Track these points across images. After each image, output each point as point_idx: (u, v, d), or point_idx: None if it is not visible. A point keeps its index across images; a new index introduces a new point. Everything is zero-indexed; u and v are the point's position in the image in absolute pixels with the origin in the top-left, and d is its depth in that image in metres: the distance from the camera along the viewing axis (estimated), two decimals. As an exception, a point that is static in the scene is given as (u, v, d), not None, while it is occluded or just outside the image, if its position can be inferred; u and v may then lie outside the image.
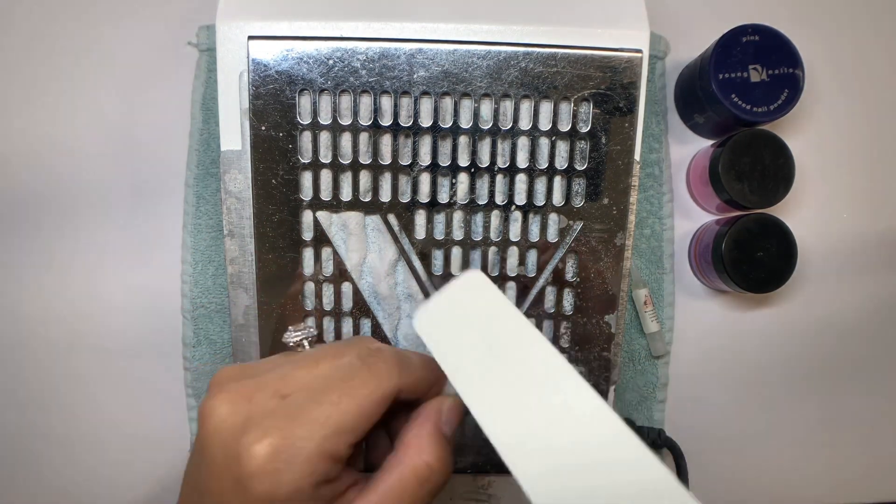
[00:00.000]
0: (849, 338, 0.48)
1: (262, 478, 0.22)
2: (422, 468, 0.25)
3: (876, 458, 0.48)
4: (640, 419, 0.45)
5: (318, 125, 0.35)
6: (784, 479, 0.48)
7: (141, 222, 0.45)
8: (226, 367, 0.26)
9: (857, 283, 0.48)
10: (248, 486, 0.23)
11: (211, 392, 0.25)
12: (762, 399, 0.47)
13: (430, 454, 0.25)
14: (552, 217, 0.36)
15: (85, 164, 0.45)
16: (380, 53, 0.34)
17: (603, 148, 0.35)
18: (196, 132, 0.43)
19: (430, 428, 0.26)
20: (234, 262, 0.36)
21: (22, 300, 0.45)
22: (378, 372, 0.25)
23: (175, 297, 0.44)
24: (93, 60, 0.45)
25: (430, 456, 0.25)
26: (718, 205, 0.44)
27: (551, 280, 0.37)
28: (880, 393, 0.48)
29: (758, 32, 0.41)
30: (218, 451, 0.23)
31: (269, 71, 0.34)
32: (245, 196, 0.36)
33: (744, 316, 0.47)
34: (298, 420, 0.23)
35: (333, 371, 0.25)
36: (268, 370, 0.25)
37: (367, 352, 0.26)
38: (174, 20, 0.45)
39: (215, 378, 0.26)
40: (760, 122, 0.41)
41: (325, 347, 0.27)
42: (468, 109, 0.35)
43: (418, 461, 0.25)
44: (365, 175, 0.35)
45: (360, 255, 0.36)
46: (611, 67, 0.35)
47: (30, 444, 0.45)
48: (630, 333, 0.45)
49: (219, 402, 0.24)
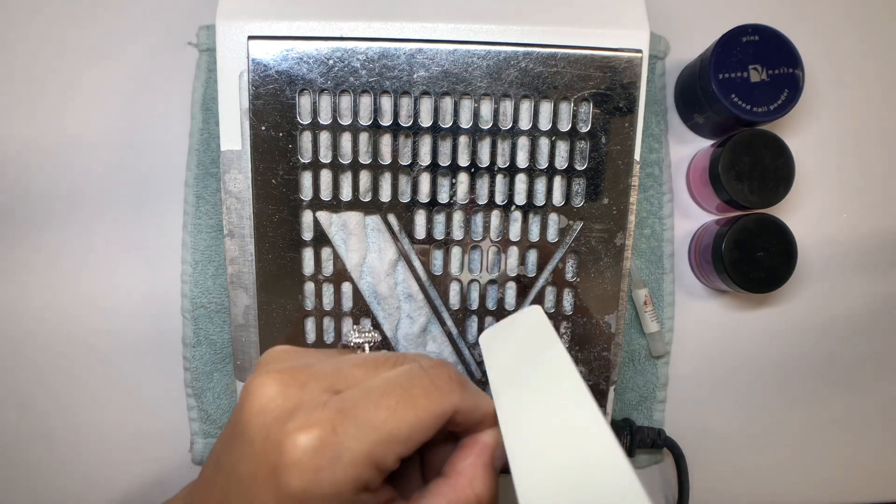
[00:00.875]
0: (849, 338, 0.48)
1: (301, 472, 0.21)
2: (471, 499, 0.23)
3: (876, 458, 0.48)
4: (640, 419, 0.45)
5: (318, 125, 0.35)
6: (784, 479, 0.48)
7: (141, 222, 0.45)
8: (278, 346, 0.25)
9: (856, 283, 0.48)
10: (284, 477, 0.21)
11: (260, 370, 0.23)
12: (762, 399, 0.47)
13: (482, 487, 0.24)
14: (552, 217, 0.36)
15: (85, 164, 0.45)
16: (380, 53, 0.34)
17: (603, 148, 0.35)
18: (196, 132, 0.43)
19: (486, 459, 0.24)
20: (234, 262, 0.36)
21: (22, 300, 0.45)
22: (441, 385, 0.23)
23: (175, 297, 0.44)
24: (93, 60, 0.45)
25: (482, 489, 0.24)
26: (718, 205, 0.44)
27: (551, 280, 0.37)
28: (880, 393, 0.48)
29: (758, 32, 0.41)
30: (258, 433, 0.22)
31: (269, 71, 0.34)
32: (245, 196, 0.36)
33: (744, 316, 0.47)
34: (351, 418, 0.21)
35: (394, 376, 0.23)
36: (323, 360, 0.24)
37: (430, 363, 0.24)
38: (174, 20, 0.45)
39: (266, 356, 0.24)
40: (760, 122, 0.41)
41: (384, 353, 0.25)
42: (468, 109, 0.35)
43: (469, 492, 0.23)
44: (365, 175, 0.35)
45: (360, 255, 0.36)
46: (611, 67, 0.35)
47: (30, 444, 0.45)
48: (630, 333, 0.45)
49: (269, 382, 0.22)
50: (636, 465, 0.47)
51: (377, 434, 0.21)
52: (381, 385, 0.23)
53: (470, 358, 0.38)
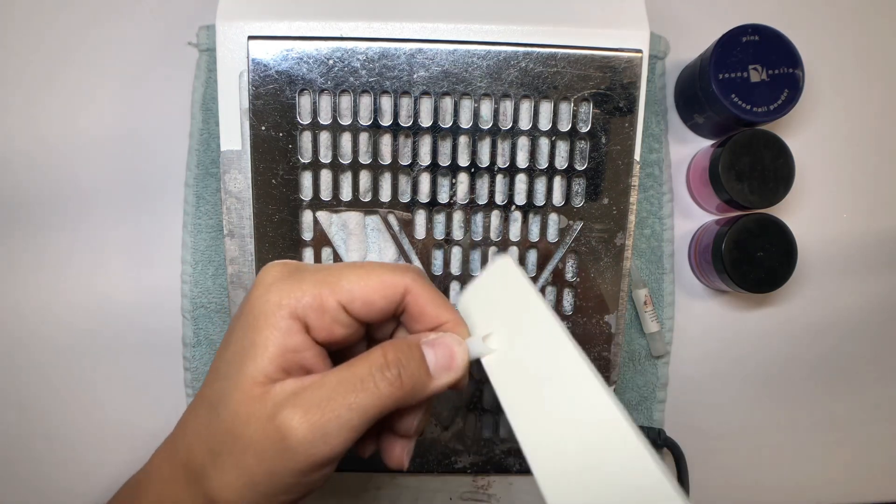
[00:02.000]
0: (848, 337, 0.48)
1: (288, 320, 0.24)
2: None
3: (876, 458, 0.48)
4: (640, 419, 0.45)
5: (318, 125, 0.35)
6: (784, 479, 0.48)
7: (141, 222, 0.45)
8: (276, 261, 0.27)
9: (856, 283, 0.48)
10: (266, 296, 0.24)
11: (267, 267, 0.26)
12: (762, 399, 0.47)
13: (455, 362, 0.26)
14: (552, 217, 0.36)
15: (85, 164, 0.45)
16: (380, 53, 0.34)
17: (603, 148, 0.35)
18: (196, 132, 0.43)
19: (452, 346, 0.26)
20: (234, 262, 0.36)
21: (22, 300, 0.45)
22: (401, 268, 0.26)
23: (175, 297, 0.44)
24: (93, 60, 0.45)
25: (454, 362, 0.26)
26: (718, 205, 0.44)
27: (551, 280, 0.37)
28: (880, 393, 0.48)
29: (758, 32, 0.41)
30: (258, 305, 0.25)
31: (269, 71, 0.34)
32: (245, 196, 0.36)
33: (744, 316, 0.47)
34: (330, 284, 0.25)
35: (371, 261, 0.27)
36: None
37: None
38: (174, 20, 0.45)
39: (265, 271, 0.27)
40: (760, 122, 0.41)
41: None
42: (468, 109, 0.35)
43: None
44: (365, 175, 0.35)
45: (360, 255, 0.36)
46: (611, 67, 0.35)
47: (30, 444, 0.45)
48: (630, 333, 0.45)
49: (274, 267, 0.26)
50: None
51: (349, 293, 0.25)
52: (358, 264, 0.27)
53: (470, 358, 0.38)
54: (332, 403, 0.23)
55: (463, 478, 0.40)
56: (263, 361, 0.24)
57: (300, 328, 0.24)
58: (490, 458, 0.39)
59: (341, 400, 0.23)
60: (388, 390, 0.24)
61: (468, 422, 0.39)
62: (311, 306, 0.25)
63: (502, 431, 0.38)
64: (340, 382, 0.24)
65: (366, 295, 0.25)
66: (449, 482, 0.40)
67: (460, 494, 0.41)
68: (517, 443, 0.24)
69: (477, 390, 0.38)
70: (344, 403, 0.23)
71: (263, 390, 0.23)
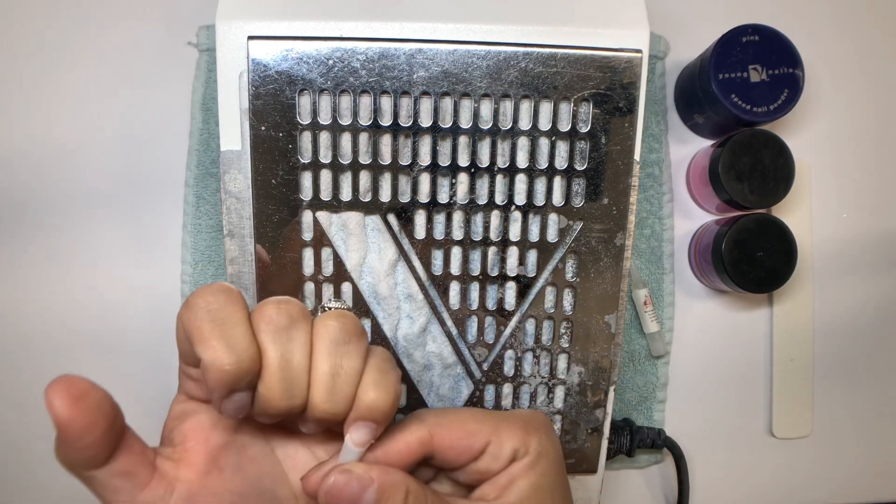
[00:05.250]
0: (848, 337, 0.48)
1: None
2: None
3: (876, 458, 0.48)
4: (640, 419, 0.45)
5: (318, 125, 0.35)
6: (784, 479, 0.48)
7: (141, 222, 0.45)
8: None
9: (856, 283, 0.48)
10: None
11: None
12: (761, 399, 0.47)
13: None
14: (552, 217, 0.36)
15: (85, 164, 0.45)
16: (380, 53, 0.34)
17: (603, 148, 0.35)
18: (196, 132, 0.43)
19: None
20: (234, 262, 0.36)
21: (22, 300, 0.45)
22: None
23: (175, 297, 0.44)
24: (93, 60, 0.45)
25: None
26: (718, 205, 0.44)
27: (551, 280, 0.37)
28: (880, 392, 0.48)
29: (758, 32, 0.41)
30: None
31: (269, 71, 0.34)
32: (245, 196, 0.36)
33: (744, 316, 0.47)
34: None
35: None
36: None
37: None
38: (174, 20, 0.45)
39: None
40: (760, 122, 0.41)
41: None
42: (468, 109, 0.35)
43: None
44: (365, 175, 0.35)
45: (360, 256, 0.36)
46: (611, 67, 0.35)
47: (30, 444, 0.45)
48: (630, 333, 0.45)
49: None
50: (636, 466, 0.47)
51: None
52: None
53: (469, 358, 0.38)
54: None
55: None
56: None
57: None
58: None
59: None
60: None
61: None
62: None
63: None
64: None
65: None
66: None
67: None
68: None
69: (477, 390, 0.38)
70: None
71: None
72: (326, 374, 0.24)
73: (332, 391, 0.24)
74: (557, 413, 0.38)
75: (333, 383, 0.24)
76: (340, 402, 0.24)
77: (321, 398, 0.24)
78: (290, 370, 0.23)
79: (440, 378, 0.38)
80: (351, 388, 0.24)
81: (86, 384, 0.22)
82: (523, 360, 0.38)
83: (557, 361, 0.38)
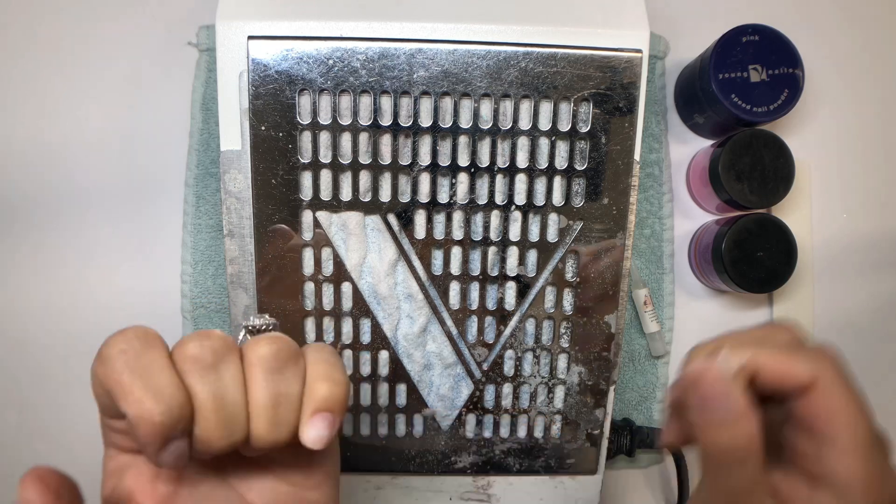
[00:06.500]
0: (848, 337, 0.48)
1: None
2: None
3: (876, 458, 0.48)
4: (640, 419, 0.45)
5: (318, 125, 0.35)
6: (784, 479, 0.48)
7: (141, 222, 0.45)
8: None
9: (856, 283, 0.48)
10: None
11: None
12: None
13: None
14: (552, 217, 0.36)
15: (85, 164, 0.45)
16: (380, 53, 0.34)
17: (603, 148, 0.35)
18: (196, 132, 0.43)
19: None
20: (234, 262, 0.36)
21: (22, 300, 0.45)
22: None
23: (175, 297, 0.44)
24: (93, 60, 0.45)
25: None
26: (718, 205, 0.44)
27: (551, 280, 0.37)
28: (880, 393, 0.48)
29: (758, 32, 0.41)
30: None
31: (269, 71, 0.34)
32: (245, 196, 0.36)
33: (744, 316, 0.47)
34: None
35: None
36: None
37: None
38: (174, 20, 0.45)
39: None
40: (760, 122, 0.41)
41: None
42: (468, 109, 0.35)
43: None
44: (365, 175, 0.35)
45: (360, 255, 0.36)
46: (611, 67, 0.35)
47: (30, 444, 0.45)
48: (630, 333, 0.45)
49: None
50: (636, 466, 0.47)
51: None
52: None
53: (469, 358, 0.38)
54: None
55: (463, 478, 0.40)
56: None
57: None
58: (490, 458, 0.39)
59: None
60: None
61: (468, 422, 0.39)
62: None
63: (502, 431, 0.39)
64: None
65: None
66: (449, 482, 0.40)
67: (460, 494, 0.41)
68: (517, 443, 0.24)
69: (477, 390, 0.38)
70: None
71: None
72: (267, 407, 0.22)
73: (274, 421, 0.23)
74: (557, 413, 0.38)
75: (275, 413, 0.23)
76: (285, 430, 0.23)
77: (265, 430, 0.23)
78: (225, 408, 0.22)
79: (440, 378, 0.38)
80: (294, 414, 0.23)
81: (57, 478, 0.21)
82: (523, 360, 0.38)
83: (557, 361, 0.38)
